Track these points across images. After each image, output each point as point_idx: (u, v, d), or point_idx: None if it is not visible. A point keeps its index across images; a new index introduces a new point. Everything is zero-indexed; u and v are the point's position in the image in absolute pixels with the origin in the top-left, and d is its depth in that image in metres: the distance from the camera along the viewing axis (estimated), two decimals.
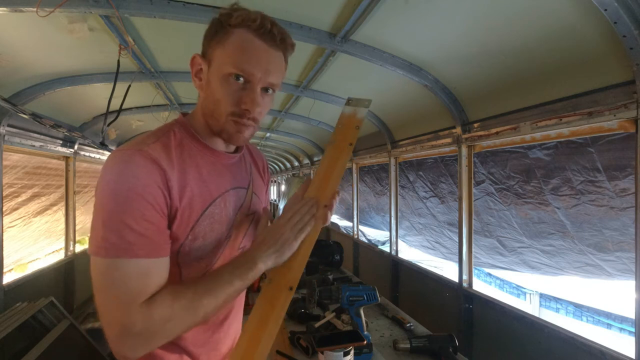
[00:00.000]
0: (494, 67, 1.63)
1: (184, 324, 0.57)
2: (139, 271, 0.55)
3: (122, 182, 0.56)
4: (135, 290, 0.55)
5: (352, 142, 0.76)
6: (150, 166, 0.59)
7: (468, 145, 2.06)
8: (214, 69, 0.64)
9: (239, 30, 0.62)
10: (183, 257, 0.67)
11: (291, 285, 0.65)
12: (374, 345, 1.37)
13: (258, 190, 0.84)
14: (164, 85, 2.49)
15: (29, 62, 1.84)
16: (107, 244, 0.54)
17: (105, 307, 0.54)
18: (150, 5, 1.36)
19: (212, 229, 0.69)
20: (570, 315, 9.79)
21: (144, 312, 0.54)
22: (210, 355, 0.77)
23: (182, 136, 0.69)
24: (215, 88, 0.64)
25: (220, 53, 0.63)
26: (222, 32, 0.63)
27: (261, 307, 0.64)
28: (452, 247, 3.54)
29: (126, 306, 0.53)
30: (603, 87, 1.30)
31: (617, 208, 1.85)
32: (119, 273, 0.54)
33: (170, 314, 0.55)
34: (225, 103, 0.64)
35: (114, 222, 0.55)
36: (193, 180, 0.66)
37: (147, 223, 0.57)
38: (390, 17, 1.47)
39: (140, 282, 0.55)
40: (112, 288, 0.54)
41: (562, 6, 1.17)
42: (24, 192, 3.10)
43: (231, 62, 0.62)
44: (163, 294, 0.57)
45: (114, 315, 0.53)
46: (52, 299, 2.29)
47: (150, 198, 0.57)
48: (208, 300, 0.58)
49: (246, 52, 0.62)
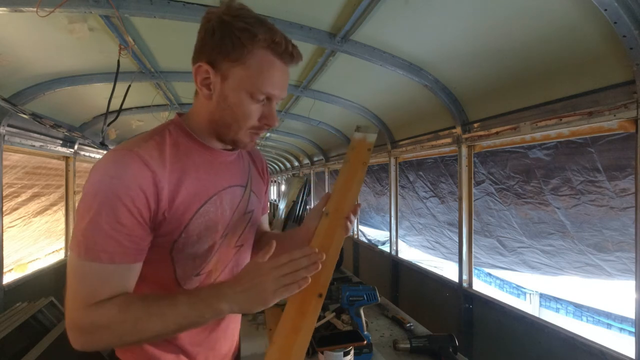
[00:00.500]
0: (494, 67, 1.63)
1: (128, 337, 0.57)
2: (97, 275, 0.57)
3: (105, 182, 0.57)
4: (88, 292, 0.57)
5: (366, 162, 0.81)
6: (138, 168, 0.59)
7: (468, 145, 2.06)
8: (233, 85, 0.64)
9: (263, 52, 0.62)
10: (177, 254, 0.67)
11: (320, 292, 0.65)
12: (374, 345, 1.37)
13: (257, 190, 0.84)
14: (164, 85, 2.49)
15: (29, 62, 1.84)
16: (77, 242, 0.57)
17: (67, 298, 0.58)
18: (150, 5, 1.36)
19: (207, 227, 0.69)
20: (570, 315, 9.79)
21: (89, 315, 0.56)
22: (208, 355, 0.77)
23: (177, 135, 0.69)
24: (235, 104, 0.65)
25: (242, 72, 0.62)
26: (242, 50, 0.61)
27: (291, 315, 0.63)
28: (452, 247, 3.54)
29: (77, 303, 0.57)
30: (603, 87, 1.30)
31: (617, 208, 1.85)
32: (80, 272, 0.57)
33: (113, 323, 0.56)
34: (247, 120, 0.66)
35: (88, 222, 0.56)
36: (188, 179, 0.66)
37: (120, 226, 0.57)
38: (390, 17, 1.47)
39: (94, 285, 0.57)
40: (72, 283, 0.58)
41: (562, 6, 1.17)
42: (24, 192, 3.10)
43: (256, 84, 0.63)
44: (112, 304, 0.57)
45: (68, 307, 0.57)
46: (52, 299, 2.29)
47: (128, 202, 0.57)
48: (156, 323, 0.57)
49: (271, 76, 0.64)
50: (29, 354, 1.73)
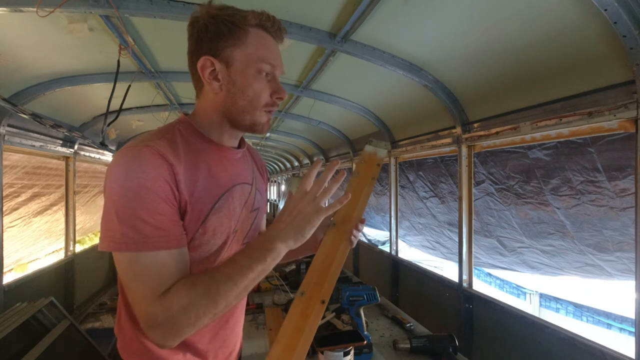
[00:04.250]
0: (494, 67, 1.63)
1: (205, 312, 0.56)
2: (157, 263, 0.57)
3: (131, 178, 0.57)
4: (155, 282, 0.56)
5: (375, 177, 0.85)
6: (157, 161, 0.59)
7: (468, 145, 2.06)
8: (238, 68, 0.67)
9: (255, 30, 0.67)
10: (192, 251, 0.67)
11: (323, 298, 0.68)
12: (374, 345, 1.37)
13: (260, 188, 0.85)
14: (164, 85, 2.49)
15: (29, 62, 1.84)
16: (126, 239, 0.56)
17: (133, 299, 0.57)
18: (150, 5, 1.36)
19: (221, 223, 0.70)
20: (570, 315, 9.79)
21: (162, 304, 0.55)
22: (218, 352, 0.78)
23: (187, 133, 0.70)
24: (246, 85, 0.67)
25: (242, 52, 0.66)
26: (237, 33, 0.65)
27: (294, 318, 0.66)
28: (452, 247, 3.54)
29: (147, 298, 0.56)
30: (603, 87, 1.30)
31: (617, 208, 1.85)
32: (139, 267, 0.56)
33: (187, 302, 0.55)
34: (260, 97, 0.69)
35: (129, 218, 0.56)
36: (202, 176, 0.66)
37: (161, 216, 0.58)
38: (390, 17, 1.47)
39: (159, 274, 0.57)
40: (134, 281, 0.57)
41: (562, 6, 1.17)
42: (24, 192, 3.09)
43: (259, 59, 0.67)
44: (178, 285, 0.57)
45: (139, 308, 0.56)
46: (52, 299, 2.29)
47: (160, 191, 0.58)
48: (226, 286, 0.57)
49: (268, 49, 0.68)
50: (29, 354, 1.72)
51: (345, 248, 0.75)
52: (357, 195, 0.82)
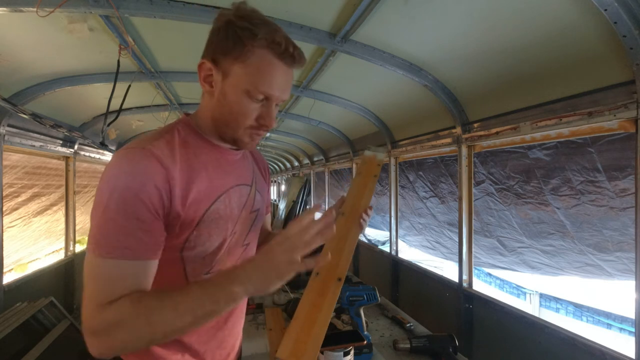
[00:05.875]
0: (493, 67, 1.63)
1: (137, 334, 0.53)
2: (113, 272, 0.55)
3: (120, 180, 0.57)
4: (105, 290, 0.55)
5: (377, 175, 0.91)
6: (151, 165, 0.59)
7: (468, 145, 2.06)
8: (232, 83, 0.64)
9: (262, 52, 0.62)
10: (187, 252, 0.67)
11: (339, 276, 0.70)
12: (374, 345, 1.37)
13: (261, 189, 0.85)
14: (164, 85, 2.49)
15: (29, 62, 1.84)
16: (96, 240, 0.56)
17: (83, 300, 0.56)
18: (150, 5, 1.36)
19: (217, 225, 0.69)
20: (570, 315, 9.80)
21: (101, 313, 0.53)
22: (215, 354, 0.78)
23: (186, 133, 0.69)
24: (233, 102, 0.65)
25: (241, 70, 0.63)
26: (241, 48, 0.62)
27: (310, 297, 0.66)
28: (452, 247, 3.54)
29: (92, 304, 0.54)
30: (603, 87, 1.30)
31: (617, 208, 1.85)
32: (97, 271, 0.56)
33: (125, 319, 0.52)
34: (244, 118, 0.66)
35: (106, 220, 0.56)
36: (199, 177, 0.66)
37: (139, 222, 0.57)
38: (390, 17, 1.47)
39: (112, 283, 0.55)
40: (89, 283, 0.56)
41: (562, 6, 1.17)
42: (24, 192, 3.10)
43: (254, 83, 0.63)
44: (125, 299, 0.54)
45: (84, 311, 0.55)
46: (52, 299, 2.29)
47: (145, 198, 0.57)
48: (170, 315, 0.53)
49: (269, 76, 0.63)
50: (29, 354, 1.73)
51: (356, 232, 0.79)
52: (361, 189, 0.87)
